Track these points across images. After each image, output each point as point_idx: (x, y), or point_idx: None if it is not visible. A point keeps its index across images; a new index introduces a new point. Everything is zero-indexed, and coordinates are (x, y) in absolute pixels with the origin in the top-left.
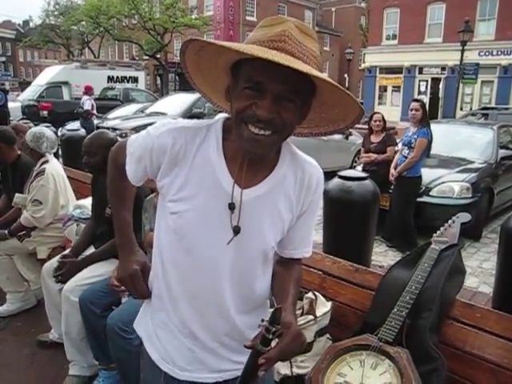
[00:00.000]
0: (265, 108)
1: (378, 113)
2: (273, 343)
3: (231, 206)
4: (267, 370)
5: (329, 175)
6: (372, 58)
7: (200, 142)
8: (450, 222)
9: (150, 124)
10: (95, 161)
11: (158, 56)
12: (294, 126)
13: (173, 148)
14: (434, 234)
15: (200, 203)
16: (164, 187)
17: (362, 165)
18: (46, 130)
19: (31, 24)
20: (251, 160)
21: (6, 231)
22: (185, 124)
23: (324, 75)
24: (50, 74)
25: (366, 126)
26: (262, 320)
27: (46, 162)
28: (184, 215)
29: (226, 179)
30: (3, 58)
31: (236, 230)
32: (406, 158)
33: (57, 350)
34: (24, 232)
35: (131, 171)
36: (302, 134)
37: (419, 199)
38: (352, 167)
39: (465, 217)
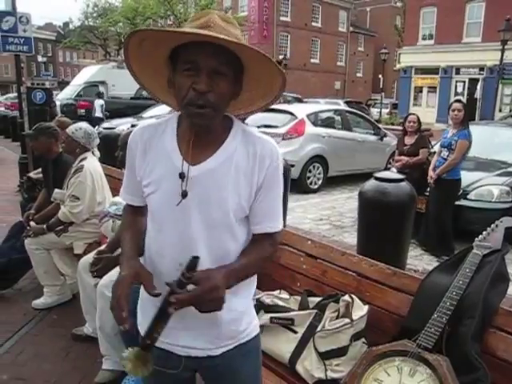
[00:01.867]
0: (202, 82)
1: (413, 114)
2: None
3: (181, 176)
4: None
5: (364, 176)
6: (407, 58)
7: (161, 132)
8: (493, 226)
9: None
10: (122, 155)
11: None
12: (229, 97)
13: (141, 140)
14: (476, 239)
15: (162, 183)
16: (142, 177)
17: (395, 168)
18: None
19: (71, 26)
20: (198, 136)
21: (45, 226)
22: (151, 122)
23: (245, 43)
24: (87, 73)
25: (401, 128)
26: (181, 264)
27: (85, 159)
28: (151, 196)
29: (177, 157)
30: (44, 59)
31: (184, 194)
32: (445, 159)
33: (91, 344)
34: (61, 227)
35: (129, 189)
36: (240, 115)
37: (456, 202)
38: (386, 168)
39: (509, 221)
